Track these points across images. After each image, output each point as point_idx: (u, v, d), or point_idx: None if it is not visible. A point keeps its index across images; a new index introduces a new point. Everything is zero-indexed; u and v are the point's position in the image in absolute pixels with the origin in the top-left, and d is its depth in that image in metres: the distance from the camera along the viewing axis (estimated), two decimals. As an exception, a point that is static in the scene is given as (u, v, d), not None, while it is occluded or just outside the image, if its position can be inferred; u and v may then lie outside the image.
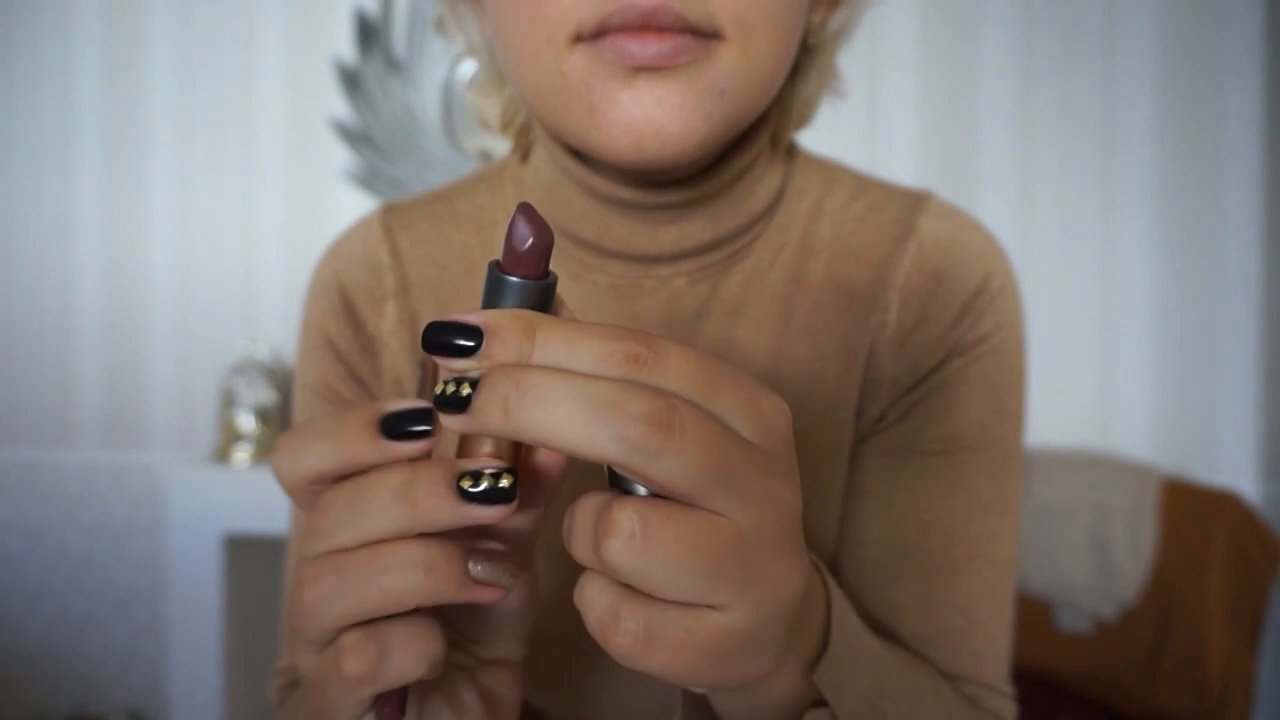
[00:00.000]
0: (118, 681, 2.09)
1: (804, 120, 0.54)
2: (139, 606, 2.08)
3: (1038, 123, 1.96)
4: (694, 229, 0.50)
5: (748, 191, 0.51)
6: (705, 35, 0.41)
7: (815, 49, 0.52)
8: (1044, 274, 1.96)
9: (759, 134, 0.51)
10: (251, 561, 1.83)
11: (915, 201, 0.54)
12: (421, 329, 0.48)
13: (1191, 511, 1.61)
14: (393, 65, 2.01)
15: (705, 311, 0.51)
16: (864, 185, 0.55)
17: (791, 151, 0.55)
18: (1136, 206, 1.95)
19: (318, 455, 0.30)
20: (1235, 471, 1.92)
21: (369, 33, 2.02)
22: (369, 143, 2.02)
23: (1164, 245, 1.94)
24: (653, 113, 0.41)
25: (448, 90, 2.02)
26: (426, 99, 2.02)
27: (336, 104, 2.03)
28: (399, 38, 2.02)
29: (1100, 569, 1.58)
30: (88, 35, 2.07)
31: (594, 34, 0.41)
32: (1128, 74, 1.94)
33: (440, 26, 0.54)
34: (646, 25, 0.40)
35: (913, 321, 0.51)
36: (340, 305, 0.55)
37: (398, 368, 0.54)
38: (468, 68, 1.97)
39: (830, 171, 0.56)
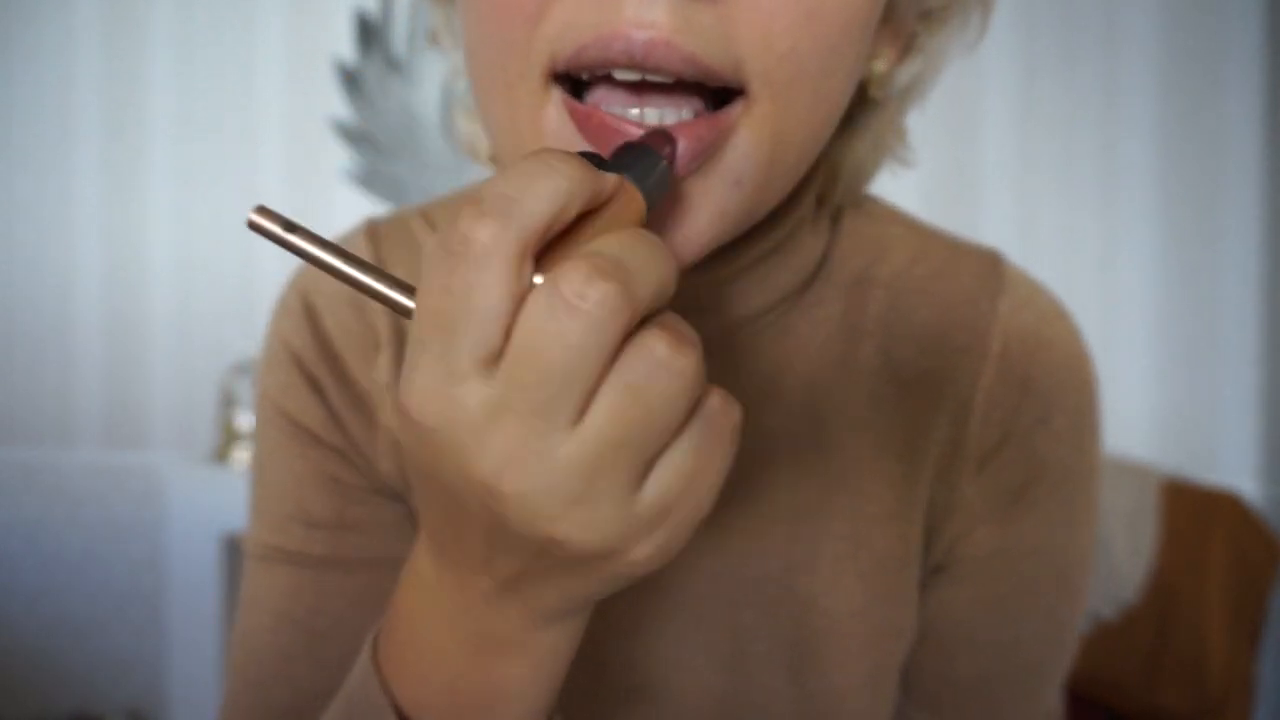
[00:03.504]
0: (118, 681, 2.09)
1: (856, 187, 0.45)
2: (138, 607, 2.08)
3: (1038, 121, 1.96)
4: (716, 308, 0.41)
5: (783, 264, 0.42)
6: (719, 90, 0.31)
7: (878, 104, 0.43)
8: (1044, 274, 1.94)
9: (801, 199, 0.42)
10: (251, 561, 1.83)
11: (988, 271, 0.46)
12: None
13: (1191, 511, 1.60)
14: (393, 65, 2.01)
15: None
16: (922, 244, 0.47)
17: (839, 211, 0.46)
18: (1137, 206, 1.95)
19: (566, 178, 0.23)
20: (1235, 471, 1.92)
21: (369, 32, 2.02)
22: (369, 142, 2.02)
23: (1165, 245, 1.94)
24: None
25: (448, 90, 2.02)
26: (427, 99, 2.02)
27: (336, 104, 2.03)
28: (399, 38, 2.02)
29: (1100, 569, 1.58)
30: (88, 35, 2.07)
31: (565, 72, 0.31)
32: (1129, 73, 1.94)
33: (434, 38, 0.47)
34: (635, 65, 0.29)
35: (994, 440, 0.44)
36: (320, 356, 0.44)
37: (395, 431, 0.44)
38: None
39: (881, 228, 0.47)
